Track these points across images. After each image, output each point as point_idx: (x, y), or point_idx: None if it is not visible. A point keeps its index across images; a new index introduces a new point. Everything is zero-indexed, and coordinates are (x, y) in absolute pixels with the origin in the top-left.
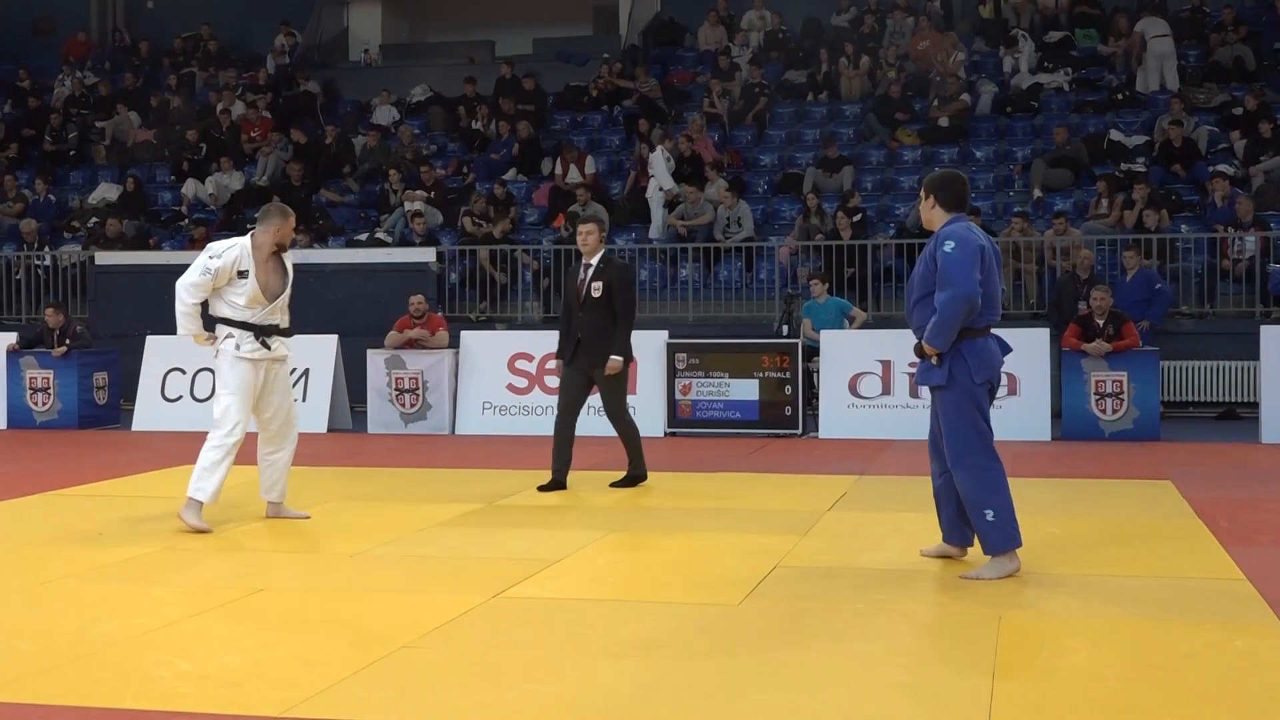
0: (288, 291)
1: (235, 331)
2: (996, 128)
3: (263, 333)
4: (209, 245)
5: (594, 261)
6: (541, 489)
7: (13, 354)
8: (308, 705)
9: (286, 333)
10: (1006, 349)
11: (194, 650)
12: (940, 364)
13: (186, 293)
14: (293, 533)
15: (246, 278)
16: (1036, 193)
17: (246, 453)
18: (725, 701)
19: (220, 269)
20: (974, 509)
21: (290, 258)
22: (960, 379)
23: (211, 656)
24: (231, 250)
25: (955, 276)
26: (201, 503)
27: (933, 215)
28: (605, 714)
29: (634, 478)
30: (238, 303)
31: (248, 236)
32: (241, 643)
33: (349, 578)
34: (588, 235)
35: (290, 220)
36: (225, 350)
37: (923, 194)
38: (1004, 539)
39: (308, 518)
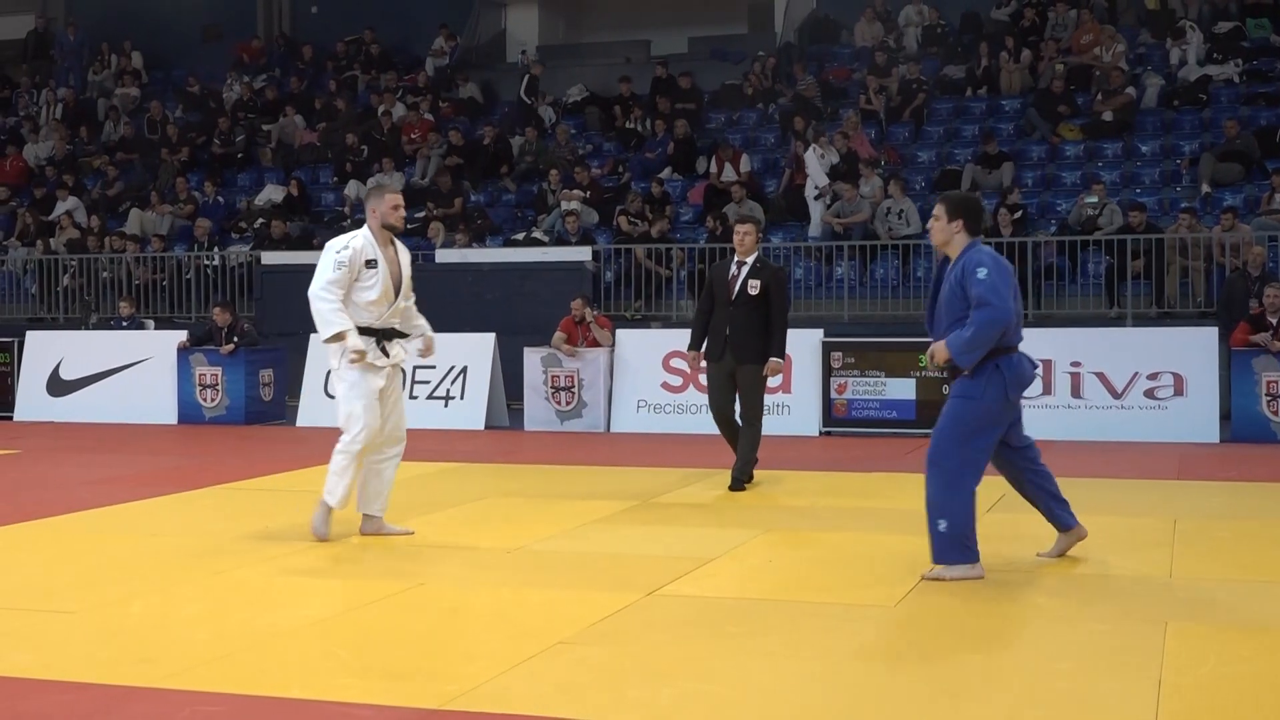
0: (407, 286)
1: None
2: (1163, 121)
3: (383, 337)
4: (329, 244)
5: (749, 260)
6: (732, 489)
7: (183, 351)
8: (467, 698)
9: (404, 335)
10: (1035, 365)
11: (357, 642)
12: (973, 376)
13: (326, 291)
14: (451, 529)
15: (376, 267)
16: (1205, 188)
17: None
18: (884, 705)
19: (351, 259)
20: (931, 512)
21: (406, 254)
22: (992, 394)
23: (373, 649)
24: (355, 240)
25: (993, 300)
26: (331, 507)
27: (955, 239)
28: (760, 715)
29: (739, 480)
30: (368, 299)
31: (364, 227)
32: (402, 636)
33: (506, 573)
34: (745, 235)
35: (387, 196)
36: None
37: (944, 214)
38: (954, 551)
39: (412, 533)
